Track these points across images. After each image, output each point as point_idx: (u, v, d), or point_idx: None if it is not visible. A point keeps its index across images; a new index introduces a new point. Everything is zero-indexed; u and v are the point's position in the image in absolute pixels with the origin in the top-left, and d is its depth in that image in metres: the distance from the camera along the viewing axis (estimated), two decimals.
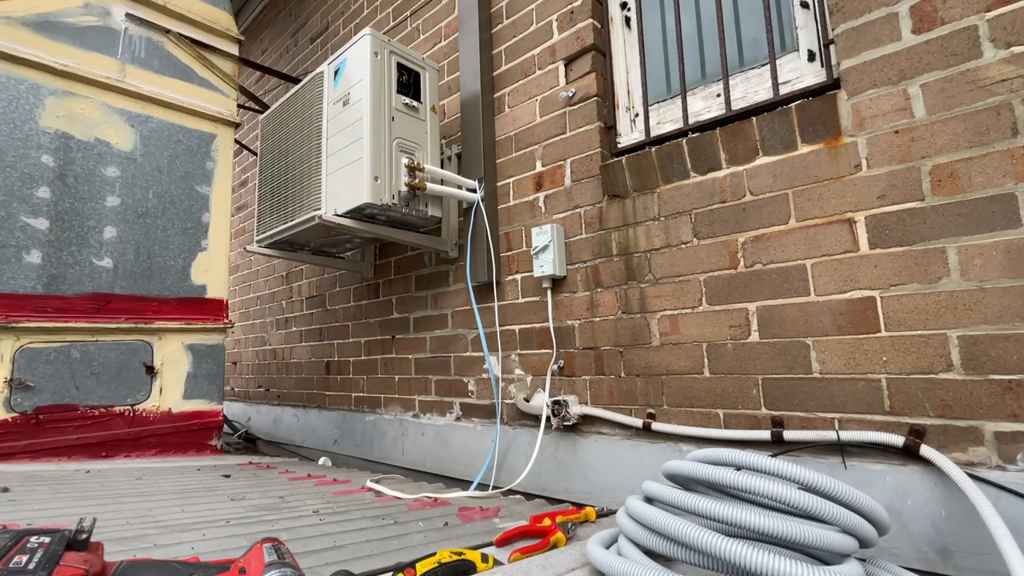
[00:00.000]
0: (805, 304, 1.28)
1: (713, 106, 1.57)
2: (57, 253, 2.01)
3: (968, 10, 1.10)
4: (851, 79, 1.25)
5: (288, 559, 0.70)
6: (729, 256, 1.42)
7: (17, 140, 1.96)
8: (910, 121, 1.16)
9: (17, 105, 1.98)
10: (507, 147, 2.04)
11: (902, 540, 1.08)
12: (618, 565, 0.80)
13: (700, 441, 1.41)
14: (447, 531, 1.18)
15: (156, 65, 2.33)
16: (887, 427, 1.14)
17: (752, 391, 1.34)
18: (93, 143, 2.13)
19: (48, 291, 1.97)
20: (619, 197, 1.67)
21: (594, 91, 1.77)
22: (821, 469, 1.20)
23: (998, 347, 1.03)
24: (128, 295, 2.14)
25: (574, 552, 0.97)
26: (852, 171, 1.23)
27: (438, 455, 2.10)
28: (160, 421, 2.17)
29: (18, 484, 1.52)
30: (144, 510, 1.27)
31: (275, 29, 3.80)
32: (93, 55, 2.16)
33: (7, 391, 1.86)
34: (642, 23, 1.78)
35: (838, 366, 1.22)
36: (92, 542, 0.70)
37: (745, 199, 1.40)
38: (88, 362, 2.04)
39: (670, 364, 1.50)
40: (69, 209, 2.05)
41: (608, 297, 1.66)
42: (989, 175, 1.06)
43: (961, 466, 1.03)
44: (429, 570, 0.82)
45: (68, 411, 1.98)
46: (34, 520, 1.12)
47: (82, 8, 2.16)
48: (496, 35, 2.13)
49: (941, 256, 1.11)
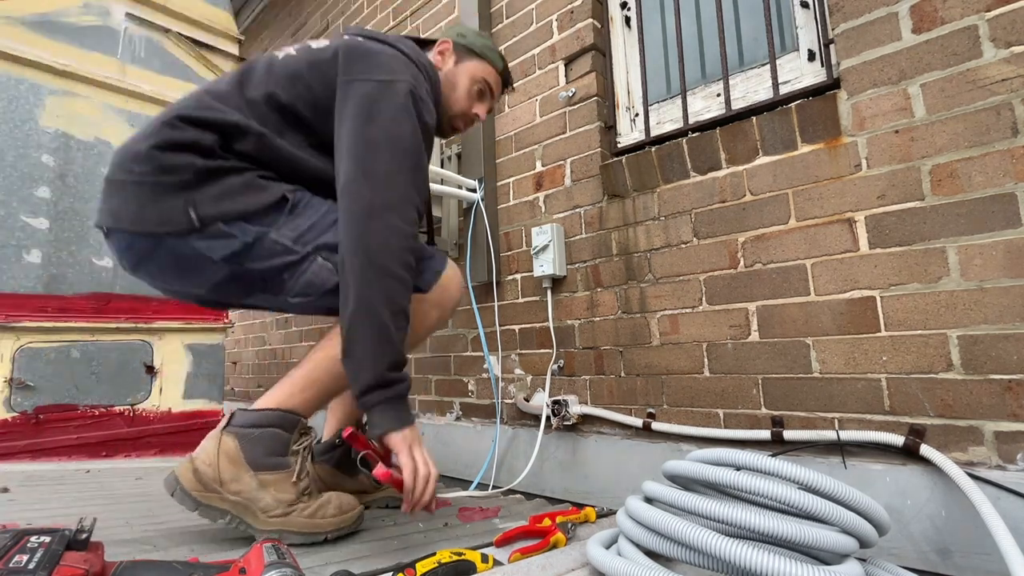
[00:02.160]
0: (805, 304, 1.28)
1: (713, 106, 1.57)
2: (57, 253, 2.01)
3: (968, 10, 1.10)
4: (851, 79, 1.25)
5: (288, 559, 0.70)
6: (729, 256, 1.42)
7: (17, 140, 1.96)
8: (910, 121, 1.16)
9: (17, 105, 1.97)
10: (507, 147, 2.04)
11: (902, 540, 1.08)
12: (618, 565, 0.80)
13: (700, 441, 1.41)
14: (447, 531, 1.18)
15: (156, 65, 2.33)
16: (887, 427, 1.14)
17: (752, 391, 1.34)
18: (93, 143, 2.13)
19: (48, 291, 1.97)
20: (619, 197, 1.67)
21: (594, 91, 1.77)
22: (821, 469, 1.20)
23: (998, 347, 1.03)
24: (128, 295, 2.14)
25: (574, 552, 0.97)
26: (852, 171, 1.23)
27: (438, 455, 2.10)
28: (160, 421, 2.17)
29: (18, 484, 1.52)
30: (144, 510, 1.27)
31: (275, 29, 3.80)
32: (93, 55, 2.16)
33: (7, 391, 1.86)
34: (642, 23, 1.78)
35: (838, 366, 1.22)
36: (92, 542, 0.70)
37: (745, 199, 1.40)
38: (88, 362, 2.04)
39: (670, 364, 1.50)
40: (69, 209, 2.05)
41: (608, 297, 1.66)
42: (989, 175, 1.06)
43: (961, 466, 1.03)
44: (429, 570, 0.82)
45: (68, 411, 1.98)
46: (34, 520, 1.12)
47: (82, 8, 2.16)
48: (496, 35, 2.13)
49: (941, 256, 1.10)
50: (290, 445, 1.05)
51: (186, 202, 0.99)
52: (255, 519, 1.00)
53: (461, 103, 1.31)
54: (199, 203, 1.00)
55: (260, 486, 1.00)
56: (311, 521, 1.03)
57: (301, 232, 1.05)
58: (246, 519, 1.01)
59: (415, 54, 1.17)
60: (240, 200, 1.02)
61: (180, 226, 0.99)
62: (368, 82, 1.07)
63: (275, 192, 1.05)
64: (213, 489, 0.99)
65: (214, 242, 1.01)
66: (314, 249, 1.05)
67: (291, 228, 1.05)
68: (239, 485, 1.00)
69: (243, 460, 1.01)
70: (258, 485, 1.00)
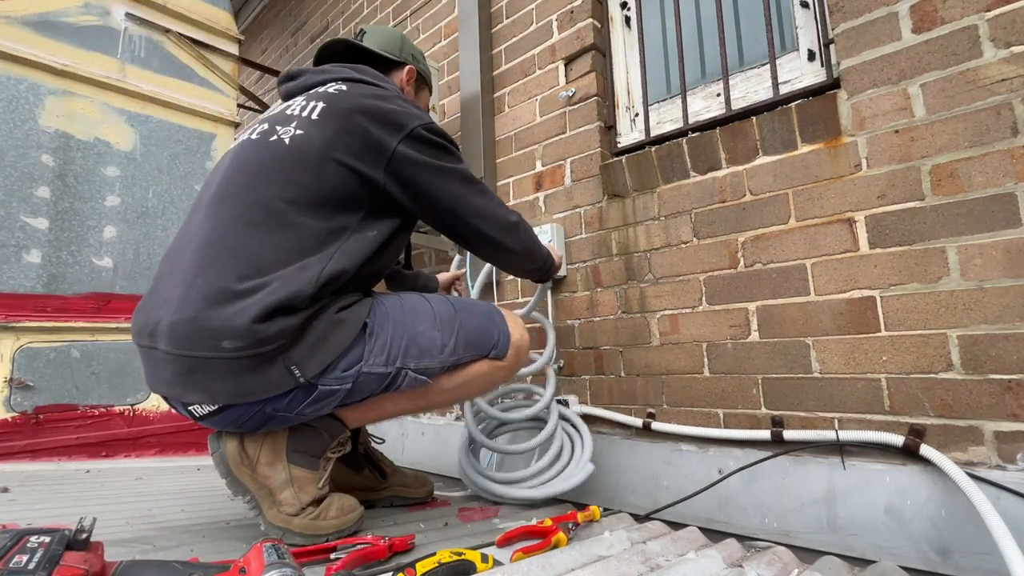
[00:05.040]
0: (805, 304, 1.28)
1: (713, 106, 1.57)
2: (57, 253, 2.01)
3: (968, 10, 1.10)
4: (851, 79, 1.25)
5: (288, 559, 0.70)
6: (729, 256, 1.42)
7: (17, 140, 1.96)
8: (910, 121, 1.16)
9: (17, 105, 1.97)
10: (507, 147, 2.04)
11: (902, 540, 1.08)
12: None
13: (700, 441, 1.41)
14: (447, 531, 1.18)
15: (156, 65, 2.33)
16: (887, 427, 1.14)
17: (752, 391, 1.34)
18: (93, 143, 2.13)
19: (48, 291, 1.97)
20: (619, 197, 1.67)
21: (594, 91, 1.77)
22: (821, 469, 1.20)
23: (998, 347, 1.03)
24: (128, 295, 2.14)
25: (575, 552, 0.97)
26: (852, 171, 1.23)
27: (438, 455, 2.10)
28: (160, 421, 2.17)
29: (18, 484, 1.52)
30: (144, 510, 1.27)
31: (275, 29, 3.80)
32: (93, 55, 2.16)
33: (7, 391, 1.86)
34: (642, 23, 1.78)
35: (838, 366, 1.22)
36: (92, 542, 0.70)
37: (745, 199, 1.40)
38: (88, 362, 2.04)
39: (670, 364, 1.50)
40: (69, 209, 2.05)
41: (608, 297, 1.66)
42: (989, 175, 1.06)
43: (961, 466, 1.03)
44: (429, 570, 0.82)
45: (68, 411, 1.98)
46: (34, 520, 1.12)
47: (82, 8, 2.16)
48: (496, 34, 2.13)
49: (941, 256, 1.10)
50: (327, 451, 1.09)
51: (285, 362, 0.95)
52: (269, 509, 1.03)
53: None
54: (298, 362, 0.95)
55: (288, 479, 1.03)
56: (312, 523, 1.03)
57: (388, 352, 1.05)
58: (262, 505, 1.03)
59: (395, 91, 1.18)
60: (331, 344, 0.98)
61: (285, 387, 0.96)
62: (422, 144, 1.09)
63: (356, 323, 1.02)
64: (248, 465, 1.03)
65: (322, 403, 1.01)
66: (403, 365, 1.06)
67: (378, 352, 1.04)
68: (270, 471, 1.03)
69: (284, 449, 1.04)
70: (287, 478, 1.03)
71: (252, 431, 1.03)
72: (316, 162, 1.02)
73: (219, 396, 0.94)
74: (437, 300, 1.15)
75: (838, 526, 1.16)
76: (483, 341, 1.15)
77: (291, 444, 1.05)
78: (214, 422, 1.01)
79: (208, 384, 0.93)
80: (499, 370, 1.18)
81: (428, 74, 1.40)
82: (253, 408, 0.97)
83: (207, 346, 0.90)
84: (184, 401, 0.99)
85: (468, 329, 1.13)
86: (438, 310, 1.12)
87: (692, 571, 0.92)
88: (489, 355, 1.15)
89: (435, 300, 1.15)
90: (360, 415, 1.12)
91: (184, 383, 0.94)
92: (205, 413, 0.99)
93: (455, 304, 1.16)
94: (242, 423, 1.00)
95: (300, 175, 1.01)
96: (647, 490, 1.48)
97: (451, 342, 1.10)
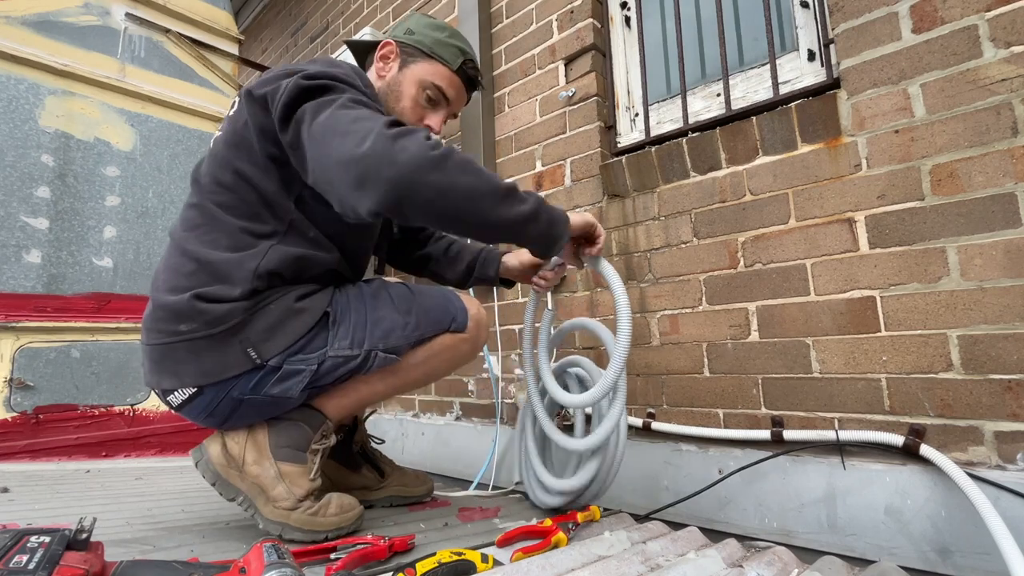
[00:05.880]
0: (805, 304, 1.28)
1: (713, 106, 1.57)
2: (57, 253, 2.01)
3: (968, 10, 1.10)
4: (851, 79, 1.25)
5: (288, 559, 0.70)
6: (729, 256, 1.42)
7: (17, 140, 1.96)
8: (910, 121, 1.16)
9: (17, 105, 1.97)
10: (507, 147, 2.04)
11: (902, 540, 1.08)
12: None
13: (700, 440, 1.41)
14: (447, 531, 1.18)
15: (156, 65, 2.33)
16: (887, 427, 1.14)
17: (752, 391, 1.34)
18: (93, 143, 2.13)
19: (48, 291, 1.97)
20: (619, 197, 1.67)
21: (594, 91, 1.77)
22: (821, 469, 1.20)
23: (998, 347, 1.03)
24: (128, 295, 2.14)
25: (575, 552, 0.97)
26: (852, 171, 1.23)
27: (438, 455, 2.10)
28: (160, 420, 2.17)
29: (18, 484, 1.52)
30: (144, 510, 1.27)
31: (275, 29, 3.80)
32: (93, 55, 2.16)
33: (7, 391, 1.86)
34: (642, 23, 1.78)
35: (838, 366, 1.22)
36: (92, 542, 0.70)
37: (745, 199, 1.40)
38: (88, 362, 2.04)
39: (670, 364, 1.50)
40: (69, 209, 2.05)
41: (608, 297, 1.66)
42: (989, 175, 1.06)
43: (961, 466, 1.03)
44: (429, 570, 0.82)
45: (68, 411, 1.98)
46: (34, 520, 1.12)
47: (82, 8, 2.16)
48: (496, 35, 2.13)
49: (941, 256, 1.10)
50: (311, 443, 1.09)
51: (242, 344, 1.00)
52: (264, 506, 1.03)
53: (407, 115, 1.16)
54: (255, 343, 1.00)
55: (277, 475, 1.04)
56: (312, 519, 1.04)
57: (352, 337, 1.07)
58: (257, 503, 1.04)
59: (341, 72, 1.01)
60: (289, 329, 1.02)
61: (243, 368, 1.00)
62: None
63: (315, 312, 1.05)
64: (235, 467, 1.04)
65: (288, 382, 1.03)
66: (371, 347, 1.08)
67: (343, 337, 1.07)
68: (259, 469, 1.04)
69: (268, 446, 1.05)
70: (276, 474, 1.04)
71: (227, 421, 1.05)
72: (224, 161, 1.05)
73: (185, 378, 1.00)
74: (394, 285, 1.18)
75: (838, 526, 1.16)
76: (443, 316, 1.17)
77: (273, 440, 1.06)
78: (188, 411, 1.05)
79: (175, 367, 1.00)
80: (463, 342, 1.20)
81: (427, 43, 1.17)
82: (221, 393, 1.01)
83: (168, 332, 0.99)
84: (162, 388, 1.03)
85: (426, 307, 1.15)
86: (396, 294, 1.15)
87: (692, 571, 0.92)
88: (450, 328, 1.17)
89: (392, 286, 1.18)
90: (336, 402, 1.13)
91: (159, 370, 1.02)
92: (179, 402, 1.03)
93: (411, 288, 1.19)
94: (213, 410, 1.03)
95: (222, 175, 1.05)
96: (647, 490, 1.48)
97: (412, 320, 1.12)
